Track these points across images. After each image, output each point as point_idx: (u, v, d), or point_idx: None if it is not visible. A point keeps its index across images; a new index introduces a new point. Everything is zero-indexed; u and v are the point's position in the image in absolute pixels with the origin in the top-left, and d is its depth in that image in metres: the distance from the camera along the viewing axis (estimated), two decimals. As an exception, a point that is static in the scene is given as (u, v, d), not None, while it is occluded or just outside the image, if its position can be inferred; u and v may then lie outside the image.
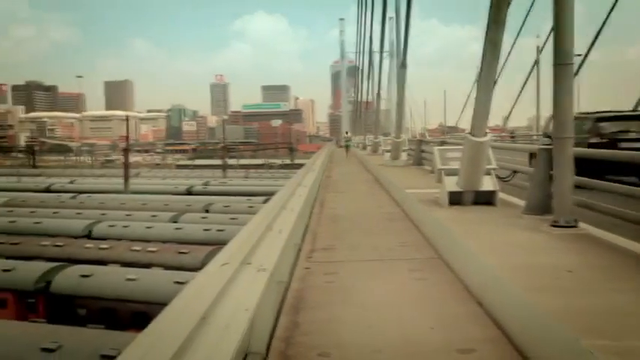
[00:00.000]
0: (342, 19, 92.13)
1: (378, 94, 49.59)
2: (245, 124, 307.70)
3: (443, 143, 17.79)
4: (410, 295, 5.23)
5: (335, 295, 5.23)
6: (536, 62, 38.87)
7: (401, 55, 23.13)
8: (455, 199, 9.61)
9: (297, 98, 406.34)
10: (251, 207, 40.51)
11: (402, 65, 22.52)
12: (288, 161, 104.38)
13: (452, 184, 9.62)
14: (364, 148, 52.18)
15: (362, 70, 68.29)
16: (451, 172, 9.76)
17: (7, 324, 16.45)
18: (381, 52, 38.92)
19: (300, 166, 32.97)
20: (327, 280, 5.79)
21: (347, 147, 46.36)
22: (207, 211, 40.37)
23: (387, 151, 25.94)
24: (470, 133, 9.09)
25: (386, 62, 47.02)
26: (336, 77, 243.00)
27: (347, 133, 56.58)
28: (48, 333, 15.05)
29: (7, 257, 25.64)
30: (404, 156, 23.81)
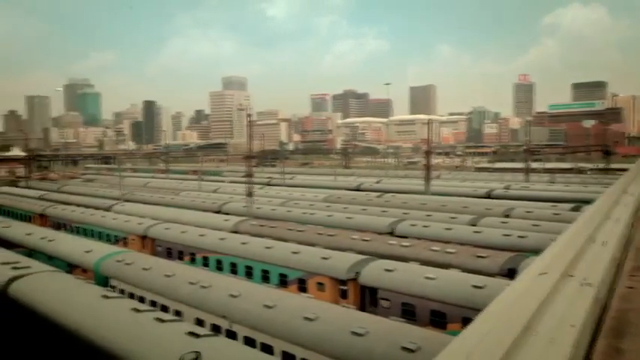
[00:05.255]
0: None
1: None
2: (551, 125, 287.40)
3: None
4: None
5: (668, 324, 4.42)
6: None
7: None
8: None
9: (615, 95, 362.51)
10: (557, 214, 37.75)
11: None
12: (601, 165, 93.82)
13: None
14: None
15: None
16: None
17: (325, 305, 18.69)
18: None
19: (618, 171, 29.29)
20: (657, 305, 4.95)
21: None
22: (507, 216, 39.09)
23: None
24: None
25: None
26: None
27: None
28: (357, 318, 16.60)
29: (325, 247, 29.25)
30: None
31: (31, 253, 31.91)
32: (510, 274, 22.84)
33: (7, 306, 21.02)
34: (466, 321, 18.61)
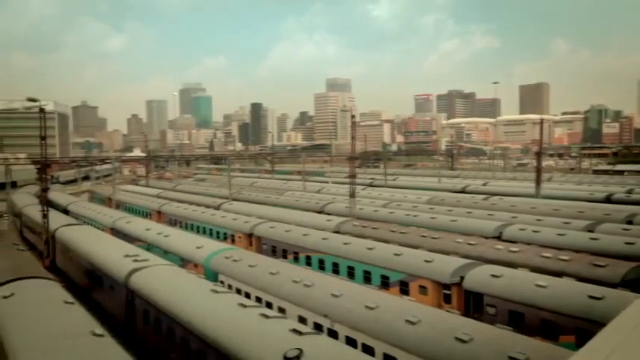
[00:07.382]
0: None
1: None
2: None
3: None
4: None
5: None
6: None
7: None
8: None
9: None
10: (691, 221, 34.39)
11: None
12: None
13: None
14: None
15: None
16: None
17: (427, 309, 18.30)
18: None
19: None
20: None
21: None
22: (629, 222, 36.15)
23: None
24: None
25: None
26: None
27: None
28: (461, 324, 16.07)
29: (429, 250, 28.65)
30: None
31: (149, 247, 34.25)
32: (633, 285, 21.05)
33: (128, 295, 22.75)
34: (580, 333, 17.41)
